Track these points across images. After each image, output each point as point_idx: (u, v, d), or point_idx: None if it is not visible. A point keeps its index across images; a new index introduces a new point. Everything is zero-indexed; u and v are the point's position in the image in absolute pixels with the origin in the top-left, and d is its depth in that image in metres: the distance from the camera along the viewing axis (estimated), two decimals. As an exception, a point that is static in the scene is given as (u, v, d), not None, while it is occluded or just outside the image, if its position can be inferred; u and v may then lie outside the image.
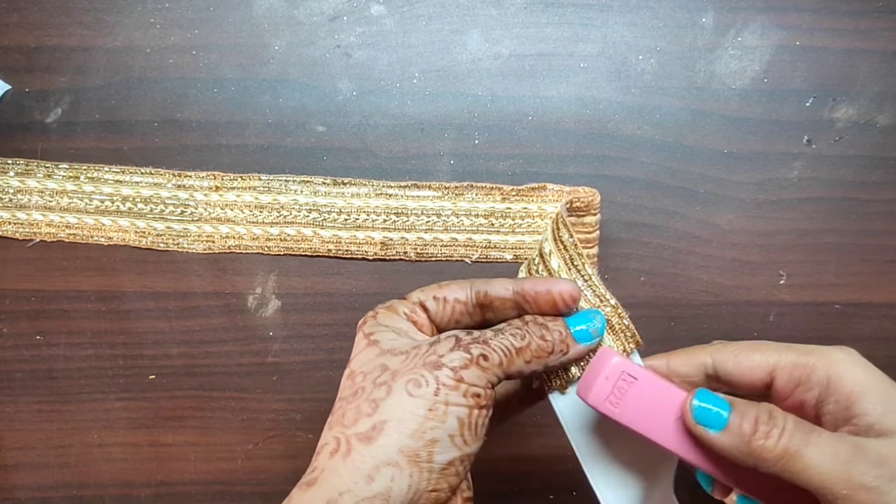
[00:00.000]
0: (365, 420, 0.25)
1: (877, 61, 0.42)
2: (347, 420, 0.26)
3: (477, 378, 0.26)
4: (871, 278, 0.42)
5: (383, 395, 0.25)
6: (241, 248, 0.42)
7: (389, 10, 0.42)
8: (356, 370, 0.27)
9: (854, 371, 0.26)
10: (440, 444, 0.25)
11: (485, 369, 0.26)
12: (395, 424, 0.25)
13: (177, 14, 0.42)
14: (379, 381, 0.26)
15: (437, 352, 0.26)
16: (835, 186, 0.42)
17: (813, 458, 0.24)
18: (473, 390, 0.26)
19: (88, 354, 0.42)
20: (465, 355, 0.26)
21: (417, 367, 0.26)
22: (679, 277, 0.42)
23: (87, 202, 0.42)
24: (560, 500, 0.43)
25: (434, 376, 0.25)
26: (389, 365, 0.26)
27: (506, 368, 0.27)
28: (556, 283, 0.29)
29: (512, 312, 0.29)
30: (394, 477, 0.24)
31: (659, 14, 0.42)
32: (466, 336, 0.27)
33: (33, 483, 0.42)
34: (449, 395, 0.25)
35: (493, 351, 0.26)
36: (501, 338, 0.27)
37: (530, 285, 0.29)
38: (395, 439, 0.25)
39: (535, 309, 0.29)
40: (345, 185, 0.42)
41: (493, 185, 0.41)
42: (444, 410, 0.25)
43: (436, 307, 0.29)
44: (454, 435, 0.25)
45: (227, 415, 0.42)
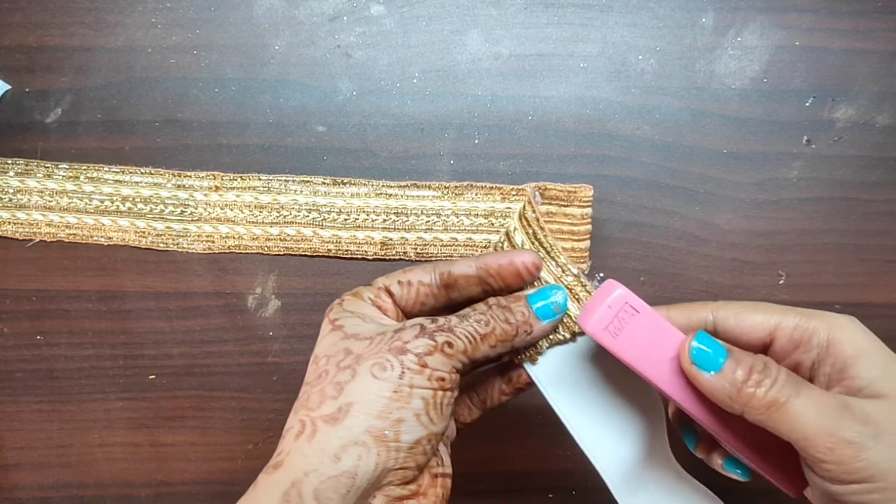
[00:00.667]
0: (330, 402, 0.26)
1: (876, 61, 0.42)
2: (312, 403, 0.26)
3: (441, 364, 0.27)
4: (871, 278, 0.42)
5: (348, 378, 0.26)
6: (240, 247, 0.42)
7: (389, 10, 0.42)
8: (320, 354, 0.28)
9: (854, 336, 0.27)
10: (406, 424, 0.26)
11: (449, 356, 0.27)
12: (360, 406, 0.25)
13: (178, 14, 0.42)
14: (343, 364, 0.26)
15: (402, 338, 0.27)
16: (834, 186, 0.42)
17: (799, 410, 0.24)
18: (438, 374, 0.26)
19: (89, 354, 0.42)
20: (429, 342, 0.26)
21: (382, 351, 0.26)
22: (679, 277, 0.42)
23: (86, 202, 0.42)
24: (560, 499, 0.43)
25: (399, 361, 0.26)
26: (353, 349, 0.27)
27: (471, 354, 0.27)
28: (517, 254, 0.30)
29: (476, 289, 0.30)
30: (361, 456, 0.25)
31: (659, 14, 0.42)
32: (431, 324, 0.27)
33: (34, 483, 0.42)
34: (414, 378, 0.26)
35: (458, 338, 0.27)
36: (466, 324, 0.27)
37: (492, 259, 0.29)
38: (362, 420, 0.25)
39: (499, 282, 0.30)
40: (344, 185, 0.42)
41: (493, 185, 0.41)
42: (408, 392, 0.26)
43: (400, 291, 0.30)
44: (420, 414, 0.26)
45: (227, 415, 0.42)
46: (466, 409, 0.32)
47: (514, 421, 0.42)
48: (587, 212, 0.38)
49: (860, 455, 0.23)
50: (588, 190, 0.38)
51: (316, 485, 0.24)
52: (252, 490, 0.25)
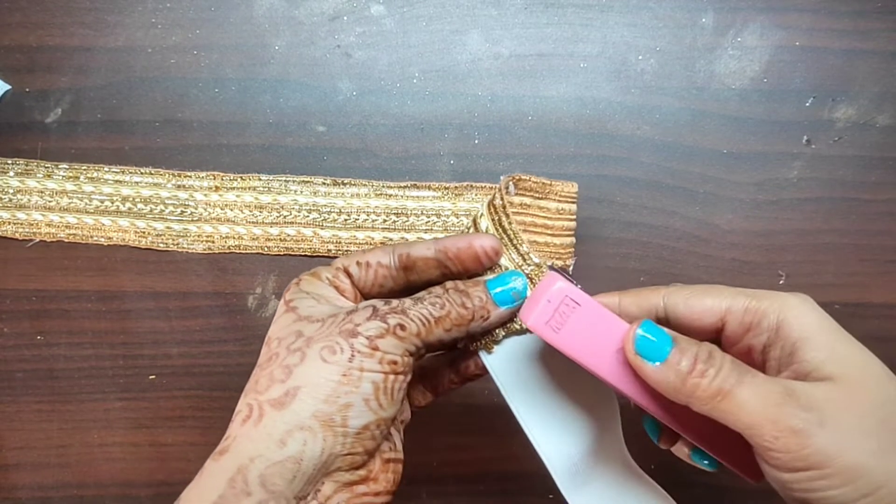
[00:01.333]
0: (278, 386, 0.25)
1: (876, 62, 0.42)
2: (260, 386, 0.26)
3: (393, 347, 0.26)
4: (870, 278, 0.42)
5: (297, 362, 0.25)
6: (240, 248, 0.42)
7: (389, 10, 0.42)
8: (272, 336, 0.27)
9: (803, 317, 0.26)
10: (354, 409, 0.25)
11: (402, 339, 0.26)
12: (308, 390, 0.25)
13: (178, 14, 0.42)
14: (293, 347, 0.26)
15: (354, 320, 0.26)
16: (834, 186, 0.42)
17: (743, 399, 0.23)
18: (389, 357, 0.26)
19: (89, 354, 0.42)
20: (381, 325, 0.26)
21: (333, 334, 0.26)
22: (679, 277, 0.42)
23: (86, 202, 0.42)
24: (560, 499, 0.42)
25: (349, 343, 0.25)
26: (304, 331, 0.26)
27: (424, 338, 0.27)
28: (476, 238, 0.29)
29: (435, 272, 0.29)
30: (306, 441, 0.24)
31: (659, 14, 0.42)
32: (384, 306, 0.27)
33: (34, 483, 0.42)
34: (364, 361, 0.25)
35: (411, 321, 0.26)
36: (420, 307, 0.27)
37: (451, 242, 0.29)
38: (309, 404, 0.25)
39: (457, 266, 0.29)
40: (345, 186, 0.42)
41: (493, 186, 0.41)
42: (358, 376, 0.25)
43: (359, 272, 0.29)
44: (369, 399, 0.25)
45: (227, 415, 0.42)
46: (420, 394, 0.32)
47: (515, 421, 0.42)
48: (567, 207, 0.36)
49: (806, 442, 0.23)
50: (570, 186, 0.36)
51: (261, 470, 0.24)
52: (199, 477, 0.25)
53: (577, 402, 0.31)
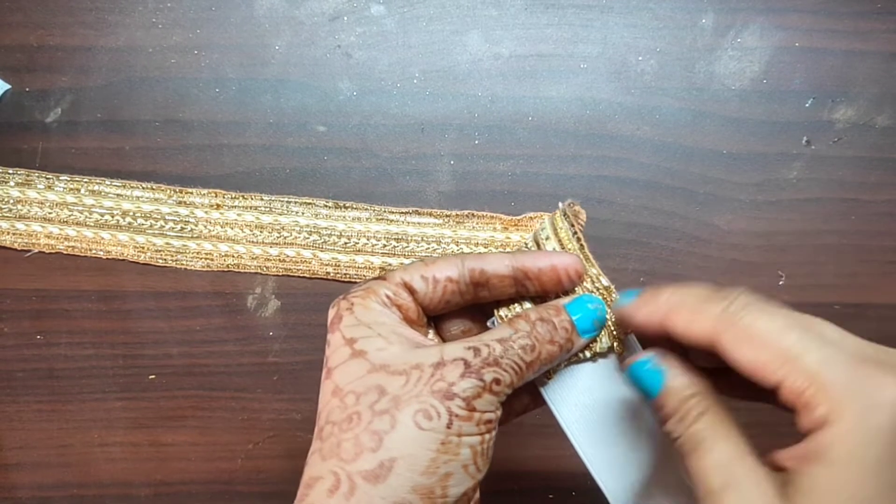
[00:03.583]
0: (368, 455, 0.23)
1: (876, 63, 0.42)
2: (346, 453, 0.23)
3: (489, 404, 0.24)
4: (871, 279, 0.42)
5: (387, 428, 0.23)
6: (239, 266, 0.42)
7: (390, 11, 0.42)
8: (344, 388, 0.24)
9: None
10: (454, 478, 0.23)
11: (497, 393, 0.24)
12: (404, 462, 0.23)
13: (179, 14, 0.42)
14: (378, 408, 0.23)
15: (446, 378, 0.23)
16: (834, 187, 0.42)
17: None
18: (486, 417, 0.24)
19: (89, 354, 0.42)
20: (477, 383, 0.24)
21: (424, 394, 0.23)
22: (679, 278, 0.42)
23: (87, 215, 0.42)
24: (560, 500, 0.43)
25: (445, 407, 0.23)
26: (388, 388, 0.24)
27: (515, 385, 0.25)
28: (558, 257, 0.27)
29: (510, 290, 0.27)
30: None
31: (659, 15, 0.42)
32: (475, 358, 0.24)
33: (34, 482, 0.42)
34: (462, 426, 0.23)
35: (505, 371, 0.24)
36: (511, 353, 0.25)
37: (531, 260, 0.27)
38: (407, 478, 0.23)
39: (536, 286, 0.27)
40: (346, 209, 0.42)
41: (494, 215, 0.42)
42: (457, 442, 0.23)
43: (424, 288, 0.26)
44: (468, 465, 0.24)
45: (227, 415, 0.42)
46: None
47: (514, 421, 0.42)
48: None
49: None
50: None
51: None
52: None
53: (636, 431, 0.29)
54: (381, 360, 0.24)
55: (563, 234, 0.29)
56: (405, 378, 0.24)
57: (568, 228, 0.29)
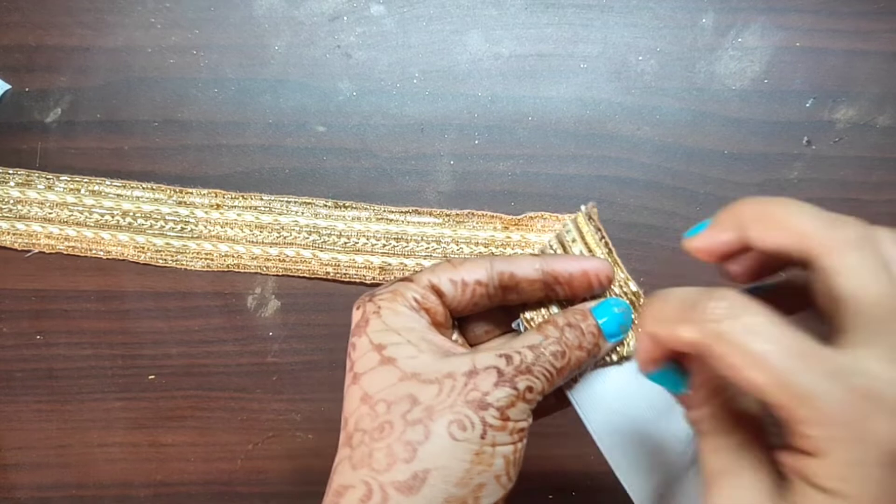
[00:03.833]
0: (402, 466, 0.23)
1: (877, 62, 0.42)
2: (378, 464, 0.23)
3: (522, 412, 0.24)
4: (871, 279, 0.42)
5: (421, 438, 0.23)
6: (239, 266, 0.42)
7: (389, 11, 0.42)
8: (374, 396, 0.24)
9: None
10: (487, 488, 0.23)
11: (529, 401, 0.24)
12: (438, 473, 0.22)
13: (177, 14, 0.42)
14: (411, 417, 0.23)
15: (480, 388, 0.23)
16: (835, 187, 0.42)
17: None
18: (519, 426, 0.24)
19: (88, 354, 0.42)
20: (511, 392, 0.23)
21: (458, 404, 0.23)
22: (679, 278, 0.42)
23: (87, 215, 0.42)
24: (559, 499, 0.43)
25: (480, 417, 0.23)
26: (420, 398, 0.23)
27: (546, 392, 0.25)
28: (589, 263, 0.27)
29: (539, 294, 0.27)
30: None
31: (659, 15, 0.42)
32: (507, 366, 0.24)
33: (33, 483, 0.42)
34: (496, 436, 0.23)
35: (537, 379, 0.24)
36: (543, 360, 0.24)
37: (562, 265, 0.26)
38: (440, 489, 0.22)
39: (567, 291, 0.27)
40: (346, 209, 0.42)
41: (494, 214, 0.41)
42: (490, 453, 0.23)
43: (452, 291, 0.26)
44: (500, 476, 0.24)
45: (226, 415, 0.42)
46: None
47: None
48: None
49: None
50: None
51: None
52: None
53: (663, 435, 0.29)
54: (412, 369, 0.24)
55: (590, 238, 0.29)
56: (438, 387, 0.23)
57: (594, 232, 0.29)
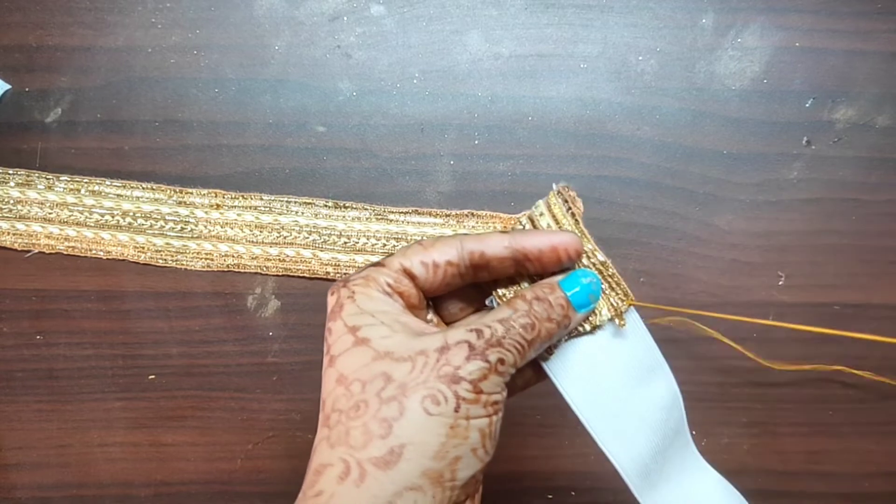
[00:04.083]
0: (378, 442, 0.23)
1: (876, 63, 0.42)
2: (354, 441, 0.23)
3: (495, 385, 0.24)
4: (871, 279, 0.42)
5: (395, 414, 0.23)
6: (239, 266, 0.42)
7: (389, 11, 0.42)
8: (349, 376, 0.24)
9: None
10: (463, 461, 0.24)
11: (502, 374, 0.24)
12: (414, 448, 0.23)
13: (178, 14, 0.42)
14: (385, 395, 0.23)
15: (451, 362, 0.24)
16: (834, 187, 0.42)
17: None
18: (493, 398, 0.24)
19: (88, 354, 0.42)
20: (483, 365, 0.24)
21: (431, 380, 0.23)
22: (678, 278, 0.42)
23: (87, 215, 0.42)
24: (559, 499, 0.43)
25: (452, 391, 0.23)
26: (393, 375, 0.24)
27: (518, 364, 0.25)
28: (558, 237, 0.27)
29: (510, 270, 0.27)
30: (416, 500, 0.23)
31: (659, 15, 0.42)
32: (478, 340, 0.24)
33: (33, 482, 0.42)
34: (470, 409, 0.23)
35: (508, 351, 0.24)
36: (513, 333, 0.25)
37: (530, 241, 0.27)
38: (417, 463, 0.23)
39: (536, 266, 0.27)
40: (346, 209, 0.42)
41: (493, 214, 0.42)
42: (465, 426, 0.23)
43: (424, 273, 0.26)
44: (476, 448, 0.24)
45: (226, 415, 0.42)
46: None
47: (515, 421, 0.42)
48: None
49: None
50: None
51: None
52: None
53: (642, 402, 0.29)
54: (386, 348, 0.24)
55: (557, 210, 0.29)
56: (411, 364, 0.24)
57: (562, 205, 0.29)
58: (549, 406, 0.42)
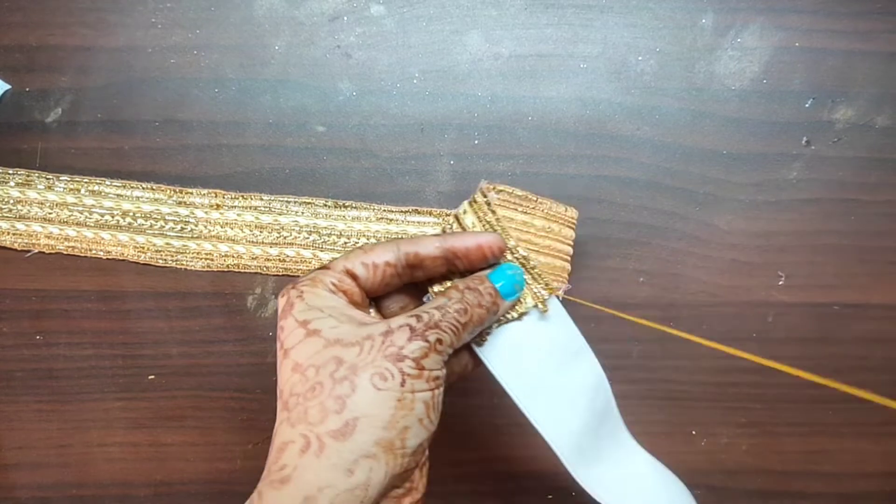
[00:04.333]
0: (333, 417, 0.25)
1: (876, 63, 0.42)
2: (312, 417, 0.26)
3: (435, 363, 0.27)
4: (870, 279, 0.42)
5: (348, 392, 0.25)
6: (239, 266, 0.42)
7: (389, 11, 0.42)
8: (304, 363, 0.27)
9: None
10: (412, 430, 0.26)
11: (440, 352, 0.27)
12: (367, 420, 0.25)
13: (178, 14, 0.42)
14: (338, 375, 0.26)
15: (395, 343, 0.26)
16: (833, 187, 0.42)
17: None
18: (434, 374, 0.27)
19: (88, 354, 0.42)
20: (423, 344, 0.27)
21: (378, 359, 0.26)
22: (678, 278, 0.42)
23: (87, 215, 0.42)
24: (559, 499, 0.43)
25: (398, 368, 0.26)
26: (344, 358, 0.26)
27: (455, 345, 0.28)
28: (482, 237, 0.30)
29: (442, 269, 0.30)
30: (372, 468, 0.25)
31: (659, 15, 0.42)
32: (418, 323, 0.27)
33: (33, 482, 0.42)
34: (414, 384, 0.26)
35: (445, 332, 0.27)
36: (448, 317, 0.28)
37: (459, 242, 0.30)
38: (370, 433, 0.25)
39: (465, 264, 0.30)
40: (346, 209, 0.42)
41: None
42: (411, 398, 0.26)
43: (365, 273, 0.29)
44: (422, 418, 0.26)
45: (226, 415, 0.42)
46: None
47: (514, 421, 0.42)
48: (557, 228, 0.34)
49: None
50: (567, 210, 0.34)
51: (331, 499, 0.25)
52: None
53: (569, 381, 0.32)
54: (335, 336, 0.27)
55: (478, 210, 0.32)
56: (359, 348, 0.26)
57: (484, 203, 0.32)
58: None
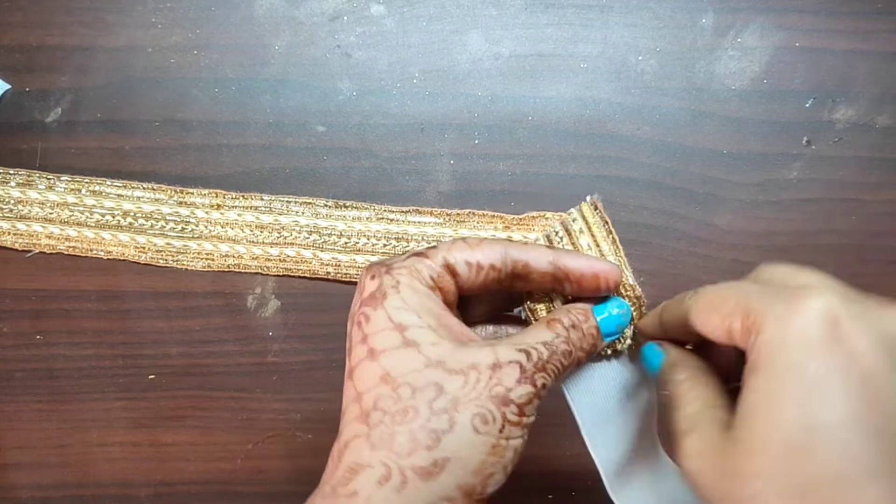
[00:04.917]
0: (423, 453, 0.23)
1: (876, 62, 0.42)
2: (399, 447, 0.23)
3: (534, 409, 0.25)
4: (871, 280, 0.42)
5: (445, 427, 0.23)
6: (240, 266, 0.42)
7: (389, 11, 0.42)
8: (399, 379, 0.24)
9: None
10: (495, 477, 0.24)
11: (542, 398, 0.25)
12: (457, 462, 0.23)
13: (178, 14, 0.42)
14: (437, 406, 0.24)
15: (504, 383, 0.24)
16: (834, 187, 0.42)
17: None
18: (530, 421, 0.25)
19: (88, 354, 0.42)
20: (530, 389, 0.24)
21: (483, 398, 0.24)
22: (679, 278, 0.42)
23: (87, 215, 0.42)
24: (559, 500, 0.43)
25: (501, 413, 0.24)
26: (446, 387, 0.24)
27: (550, 389, 0.26)
28: (601, 265, 0.27)
29: (547, 286, 0.28)
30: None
31: (659, 15, 0.42)
32: (528, 362, 0.25)
33: (33, 482, 0.42)
34: (512, 430, 0.24)
35: (549, 376, 0.25)
36: (555, 359, 0.25)
37: (574, 263, 0.27)
38: (456, 476, 0.23)
39: (575, 288, 0.27)
40: (346, 209, 0.42)
41: (495, 214, 0.41)
42: (504, 446, 0.24)
43: (467, 273, 0.26)
44: (507, 466, 0.25)
45: (226, 414, 0.42)
46: None
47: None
48: None
49: None
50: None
51: None
52: None
53: (633, 410, 0.31)
54: (437, 357, 0.24)
55: (597, 231, 0.29)
56: (463, 378, 0.24)
57: (601, 225, 0.29)
58: (549, 406, 0.41)
